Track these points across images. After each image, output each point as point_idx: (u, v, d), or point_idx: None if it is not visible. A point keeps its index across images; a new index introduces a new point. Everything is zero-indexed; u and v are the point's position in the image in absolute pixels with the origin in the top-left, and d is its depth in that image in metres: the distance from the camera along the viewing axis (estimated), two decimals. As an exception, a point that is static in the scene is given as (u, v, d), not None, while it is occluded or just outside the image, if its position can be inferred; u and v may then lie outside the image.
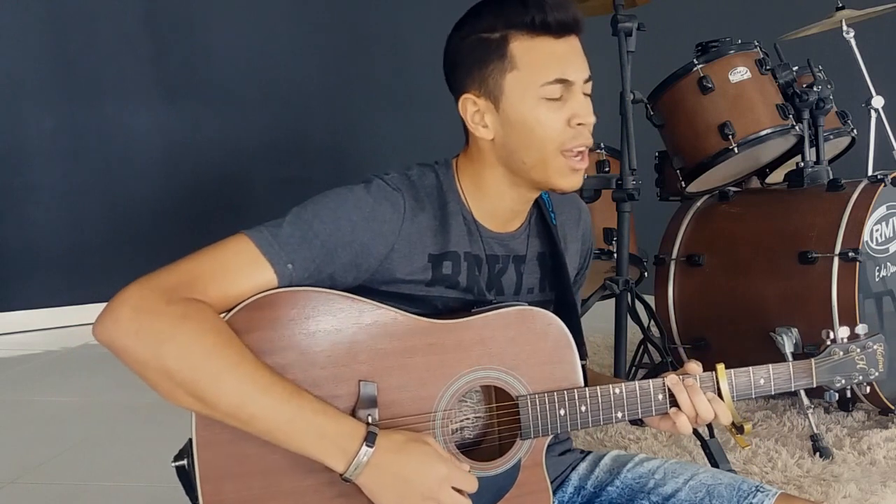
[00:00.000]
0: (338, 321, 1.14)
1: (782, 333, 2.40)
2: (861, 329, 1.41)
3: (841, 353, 1.36)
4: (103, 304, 1.08)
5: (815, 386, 1.35)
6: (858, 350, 1.37)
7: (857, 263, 2.33)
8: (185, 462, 1.11)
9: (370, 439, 1.07)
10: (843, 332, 1.39)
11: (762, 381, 1.30)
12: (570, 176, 1.24)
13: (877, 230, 2.42)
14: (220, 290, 1.10)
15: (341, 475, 1.07)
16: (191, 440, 1.09)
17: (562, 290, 1.37)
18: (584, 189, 2.69)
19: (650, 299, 2.75)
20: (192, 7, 4.79)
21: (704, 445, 2.16)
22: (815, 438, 2.30)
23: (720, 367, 1.27)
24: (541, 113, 1.21)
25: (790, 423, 2.53)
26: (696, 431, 2.20)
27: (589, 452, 1.43)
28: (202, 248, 1.14)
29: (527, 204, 1.33)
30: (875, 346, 1.39)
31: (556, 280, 1.37)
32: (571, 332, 1.24)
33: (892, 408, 2.45)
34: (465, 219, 1.27)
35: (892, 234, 2.47)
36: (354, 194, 1.19)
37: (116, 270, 4.65)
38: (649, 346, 2.75)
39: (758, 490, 1.25)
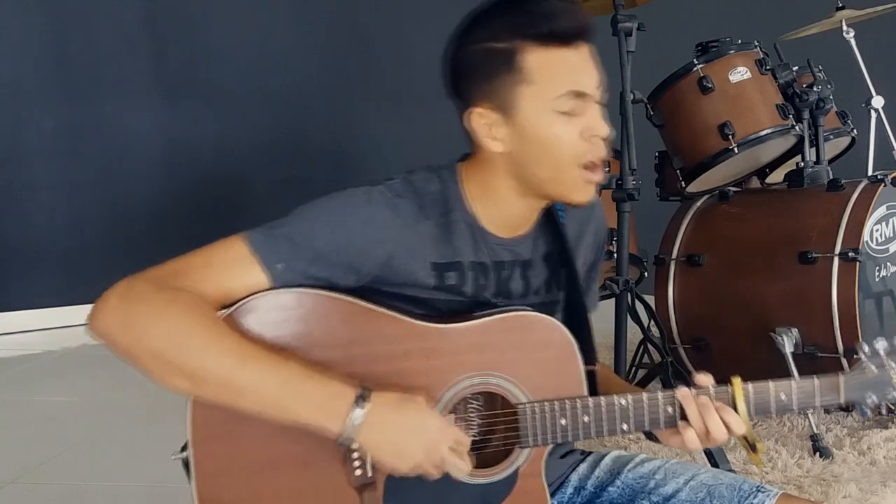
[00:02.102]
0: (333, 323, 1.13)
1: (782, 333, 2.41)
2: None
3: (875, 368, 1.22)
4: (103, 304, 1.09)
5: (842, 403, 1.22)
6: (895, 364, 1.23)
7: (857, 263, 2.33)
8: (186, 454, 1.11)
9: (362, 397, 1.06)
10: (880, 345, 1.24)
11: (783, 397, 1.19)
12: (583, 189, 1.21)
13: (877, 230, 2.42)
14: (210, 283, 1.10)
15: (337, 439, 1.06)
16: None
17: (570, 290, 1.33)
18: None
19: (650, 299, 2.75)
20: (192, 7, 4.79)
21: (705, 445, 2.16)
22: (815, 438, 2.30)
23: (737, 381, 1.18)
24: (557, 128, 1.16)
25: (790, 423, 2.53)
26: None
27: (590, 453, 1.42)
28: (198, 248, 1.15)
29: (536, 211, 1.29)
30: None
31: (565, 281, 1.33)
32: (579, 334, 1.20)
33: (893, 408, 2.45)
34: (469, 226, 1.24)
35: (892, 234, 2.47)
36: (356, 199, 1.17)
37: (116, 270, 4.60)
38: (649, 346, 2.75)
39: (759, 490, 1.24)
